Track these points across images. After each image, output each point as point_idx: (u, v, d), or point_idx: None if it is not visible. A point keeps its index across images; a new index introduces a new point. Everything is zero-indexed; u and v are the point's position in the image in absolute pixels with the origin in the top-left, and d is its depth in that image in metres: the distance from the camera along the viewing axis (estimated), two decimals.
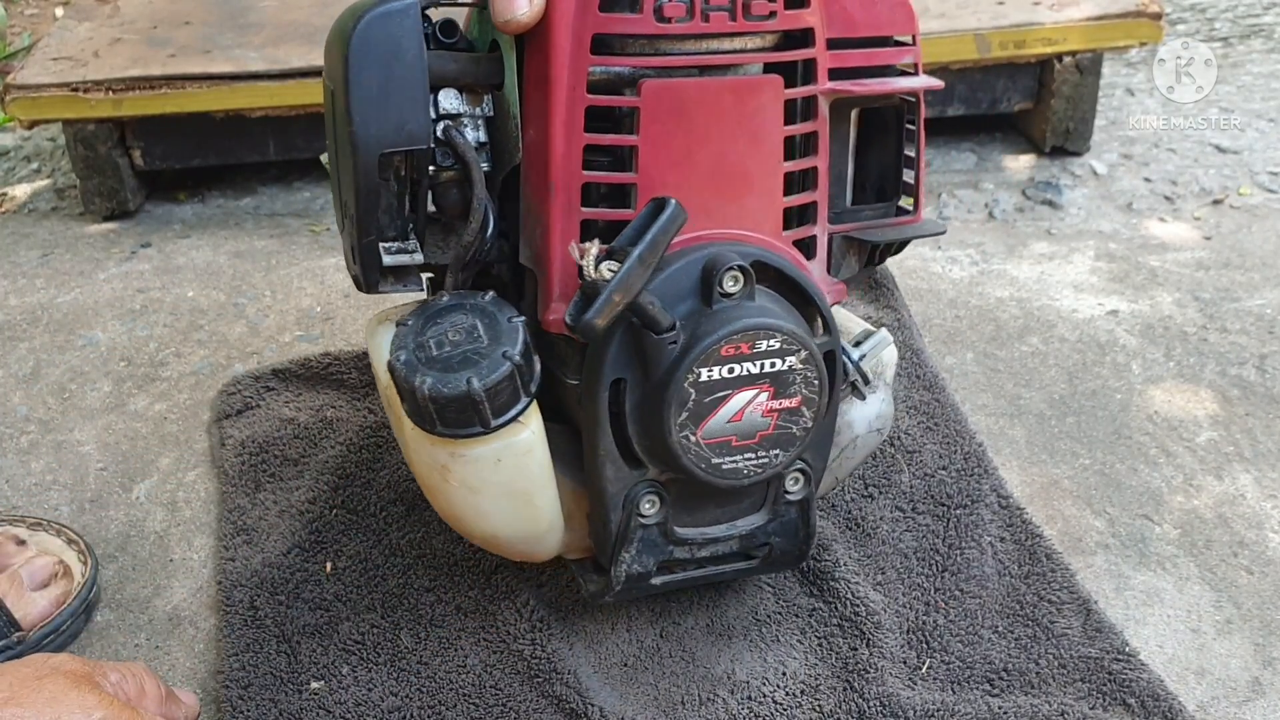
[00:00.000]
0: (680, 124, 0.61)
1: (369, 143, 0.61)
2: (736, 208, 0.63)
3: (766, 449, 0.65)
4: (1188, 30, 1.74)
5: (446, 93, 0.63)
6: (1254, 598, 0.80)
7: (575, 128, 0.61)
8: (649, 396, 0.63)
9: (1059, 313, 1.10)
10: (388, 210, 0.64)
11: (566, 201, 0.62)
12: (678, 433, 0.62)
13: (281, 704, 0.71)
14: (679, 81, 0.61)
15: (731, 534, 0.71)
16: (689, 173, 0.62)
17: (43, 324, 1.13)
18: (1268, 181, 1.35)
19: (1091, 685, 0.72)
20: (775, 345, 0.62)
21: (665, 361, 0.61)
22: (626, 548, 0.69)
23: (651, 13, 0.59)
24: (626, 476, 0.66)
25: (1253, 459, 0.92)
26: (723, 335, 0.61)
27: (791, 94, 0.63)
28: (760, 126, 0.62)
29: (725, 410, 0.63)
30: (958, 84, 1.35)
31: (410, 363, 0.60)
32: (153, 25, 1.39)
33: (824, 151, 0.66)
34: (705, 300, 0.61)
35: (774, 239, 0.65)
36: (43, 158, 1.54)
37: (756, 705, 0.71)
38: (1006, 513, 0.84)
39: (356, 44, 0.60)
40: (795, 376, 0.63)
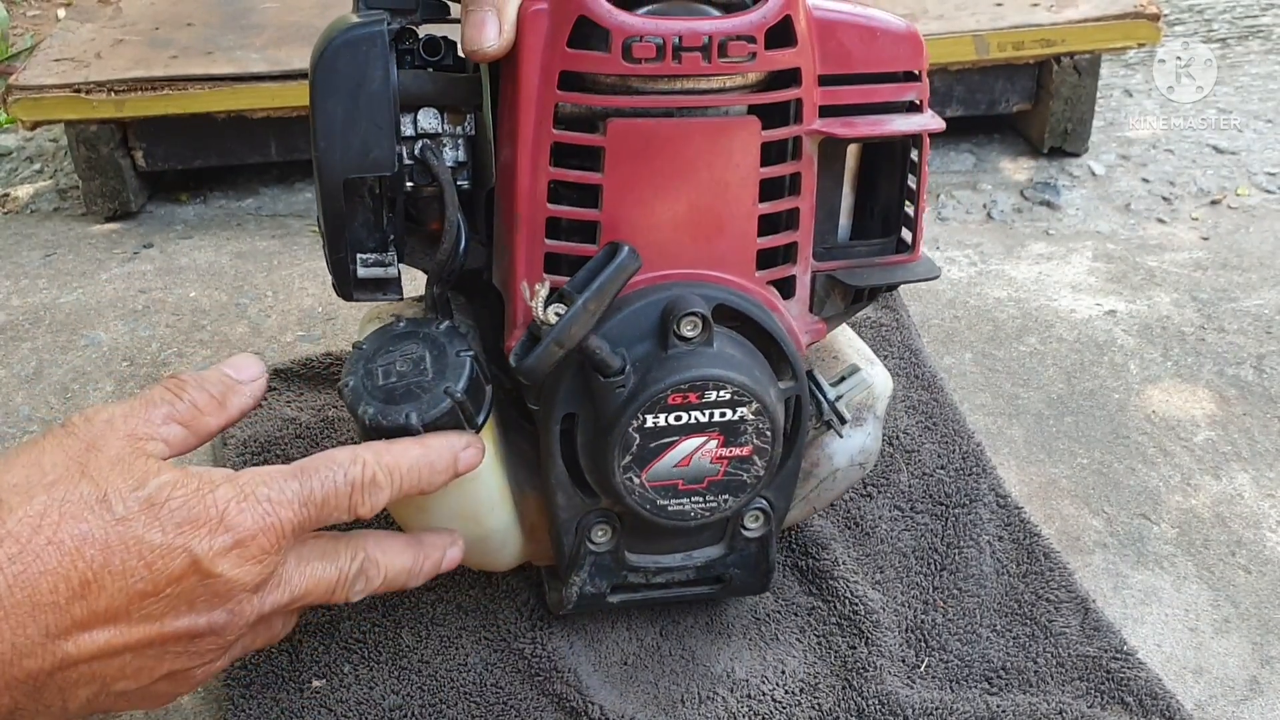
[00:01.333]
0: (647, 165, 0.59)
1: (333, 169, 0.61)
2: (705, 249, 0.62)
3: (715, 494, 0.64)
4: (1186, 31, 1.75)
5: (426, 112, 0.62)
6: (1252, 597, 0.81)
7: (541, 162, 0.59)
8: (596, 436, 0.62)
9: (1057, 313, 1.11)
10: (365, 224, 0.64)
11: (531, 234, 0.61)
12: (621, 474, 0.62)
13: (283, 702, 0.72)
14: (647, 122, 0.59)
15: (687, 564, 0.70)
16: (655, 213, 0.60)
17: (45, 324, 1.14)
18: (1266, 182, 1.35)
19: (1089, 684, 0.72)
20: (725, 396, 0.60)
21: (612, 405, 0.60)
22: (577, 571, 0.69)
23: (620, 52, 0.56)
24: (579, 505, 0.66)
25: (1250, 458, 0.92)
26: (670, 385, 0.59)
27: (771, 136, 0.60)
28: (734, 170, 0.60)
29: (671, 455, 0.62)
30: (956, 85, 1.35)
31: (357, 390, 0.60)
32: (155, 26, 1.40)
33: (809, 191, 0.63)
34: (662, 344, 0.60)
35: (745, 280, 0.63)
36: (45, 159, 1.54)
37: (756, 703, 0.72)
38: (1005, 512, 0.84)
39: (322, 71, 0.60)
40: (746, 427, 0.62)
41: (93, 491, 0.51)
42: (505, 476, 0.67)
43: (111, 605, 0.51)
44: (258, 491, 0.54)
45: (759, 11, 0.57)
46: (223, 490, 0.54)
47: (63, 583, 0.50)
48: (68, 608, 0.50)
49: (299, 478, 0.56)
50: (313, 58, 0.61)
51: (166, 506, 0.52)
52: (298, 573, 0.58)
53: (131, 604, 0.52)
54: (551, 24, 0.57)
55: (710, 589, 0.73)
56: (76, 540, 0.50)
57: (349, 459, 0.57)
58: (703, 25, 0.57)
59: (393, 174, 0.62)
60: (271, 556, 0.55)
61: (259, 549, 0.54)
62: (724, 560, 0.71)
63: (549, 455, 0.64)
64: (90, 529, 0.51)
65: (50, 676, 0.51)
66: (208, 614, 0.54)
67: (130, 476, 0.53)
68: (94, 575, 0.50)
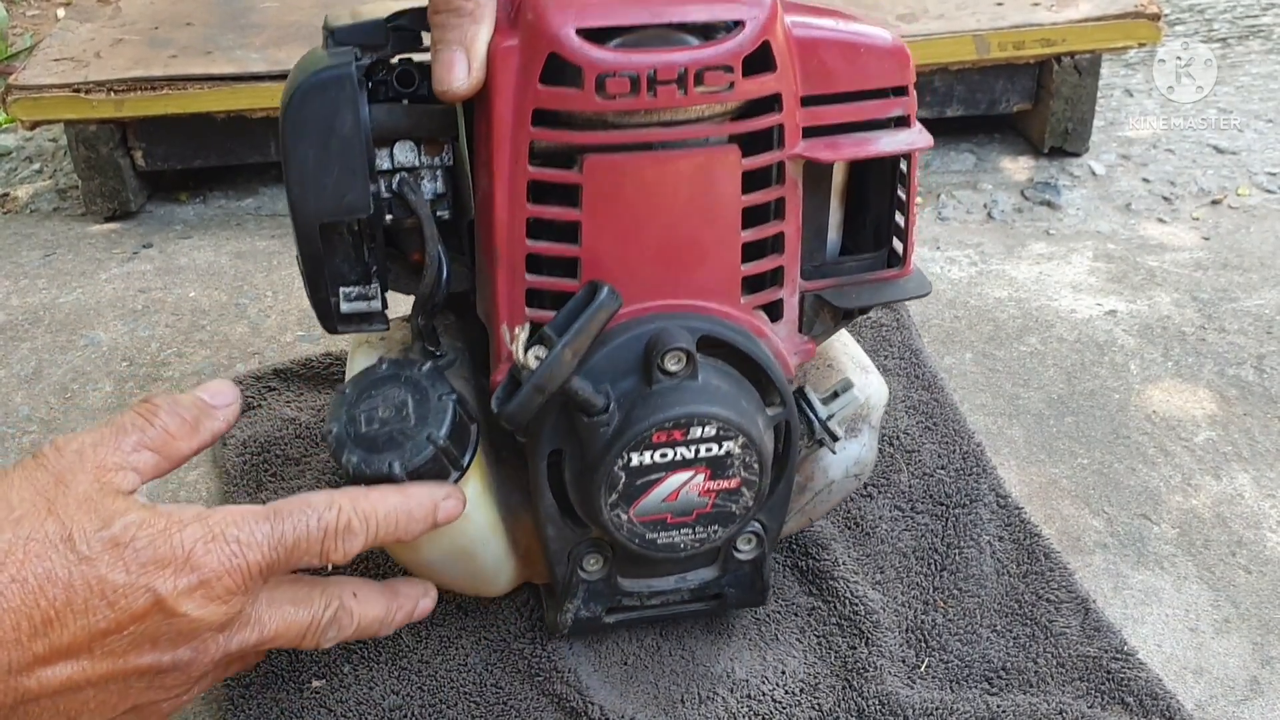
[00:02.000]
0: (626, 200, 0.58)
1: (307, 214, 0.61)
2: (689, 279, 0.60)
3: (704, 525, 0.63)
4: (1186, 31, 1.75)
5: (402, 145, 0.61)
6: (1252, 597, 0.81)
7: (518, 199, 0.58)
8: (582, 473, 0.61)
9: (1057, 313, 1.11)
10: (345, 259, 0.63)
11: (511, 270, 0.60)
12: (609, 511, 0.61)
13: (283, 702, 0.72)
14: (625, 157, 0.57)
15: (680, 587, 0.70)
16: (636, 247, 0.59)
17: (44, 324, 1.14)
18: (1266, 182, 1.35)
19: (1090, 684, 0.72)
20: (711, 432, 0.59)
21: (596, 444, 0.59)
22: (571, 598, 0.69)
23: (594, 89, 0.55)
24: (569, 535, 0.66)
25: (1251, 459, 0.92)
26: (653, 423, 0.59)
27: (753, 164, 0.59)
28: (715, 200, 0.59)
29: (658, 491, 0.61)
30: (956, 85, 1.35)
31: (340, 437, 0.60)
32: (154, 26, 1.40)
33: (794, 214, 0.62)
34: (646, 379, 0.59)
35: (730, 308, 0.62)
36: (44, 158, 1.54)
37: (756, 704, 0.72)
38: (1005, 512, 0.84)
39: (291, 116, 0.59)
40: (733, 460, 0.61)
41: (58, 530, 0.51)
42: (496, 509, 0.67)
43: (74, 642, 0.51)
44: (227, 532, 0.54)
45: (736, 39, 0.55)
46: (190, 530, 0.54)
47: (25, 620, 0.50)
48: (29, 644, 0.50)
49: (271, 520, 0.56)
50: (282, 100, 0.59)
51: (131, 546, 0.52)
52: (269, 614, 0.58)
53: (94, 641, 0.52)
54: (522, 60, 0.56)
55: (705, 606, 0.73)
56: (39, 579, 0.50)
57: (324, 504, 0.57)
58: (677, 57, 0.55)
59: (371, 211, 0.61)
60: (237, 598, 0.55)
61: (224, 590, 0.54)
62: (718, 581, 0.71)
63: (537, 490, 0.64)
64: (54, 568, 0.51)
65: (13, 710, 0.51)
66: (172, 652, 0.54)
67: (96, 515, 0.52)
68: (56, 613, 0.51)
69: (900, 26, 1.30)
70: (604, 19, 0.55)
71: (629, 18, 0.56)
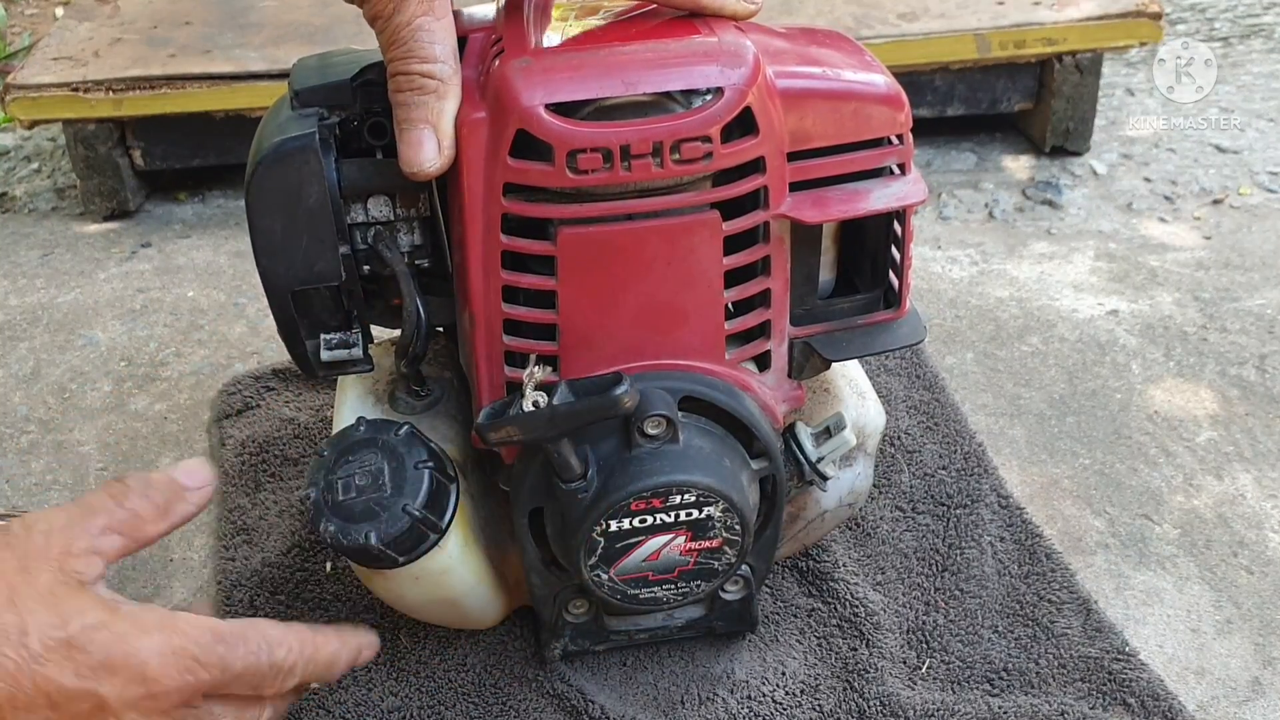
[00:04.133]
0: (603, 269, 0.56)
1: (277, 283, 0.59)
2: (670, 341, 0.59)
3: (687, 581, 0.63)
4: (1188, 30, 1.74)
5: (376, 200, 0.60)
6: (1254, 597, 0.80)
7: (492, 267, 0.57)
8: (562, 534, 0.61)
9: (1059, 312, 1.10)
10: (324, 309, 0.62)
11: (488, 333, 0.58)
12: (589, 572, 0.61)
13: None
14: (600, 230, 0.55)
15: (668, 624, 0.70)
16: (615, 314, 0.58)
17: (43, 324, 1.13)
18: (1268, 181, 1.34)
19: (1091, 685, 0.72)
20: (690, 499, 0.58)
21: (575, 510, 0.59)
22: (558, 639, 0.70)
23: (565, 164, 0.52)
24: (554, 581, 0.66)
25: (1253, 459, 0.92)
26: (630, 493, 0.57)
27: (735, 228, 0.57)
28: (696, 265, 0.57)
29: (638, 553, 0.61)
30: (958, 84, 1.35)
31: (318, 504, 0.60)
32: (153, 25, 1.39)
33: (780, 270, 0.59)
34: (625, 443, 0.58)
35: (715, 364, 0.60)
36: (43, 158, 1.54)
37: (756, 704, 0.71)
38: (1006, 512, 0.84)
39: (255, 189, 0.57)
40: (714, 523, 0.60)
41: (15, 623, 0.51)
42: (481, 559, 0.66)
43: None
44: (185, 648, 0.54)
45: (713, 108, 0.53)
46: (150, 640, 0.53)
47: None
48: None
49: (227, 644, 0.55)
50: (247, 170, 0.58)
51: (85, 650, 0.52)
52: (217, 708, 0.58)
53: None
54: (491, 133, 0.54)
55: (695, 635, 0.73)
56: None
57: (278, 641, 0.57)
58: (652, 129, 0.52)
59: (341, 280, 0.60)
60: (182, 711, 0.55)
61: (170, 704, 0.54)
62: (706, 619, 0.71)
63: (522, 543, 0.64)
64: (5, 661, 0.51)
65: None
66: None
67: (55, 612, 0.52)
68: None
69: (901, 25, 1.30)
70: (575, 92, 0.53)
71: (601, 90, 0.53)
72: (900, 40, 1.27)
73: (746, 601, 0.70)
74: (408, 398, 0.67)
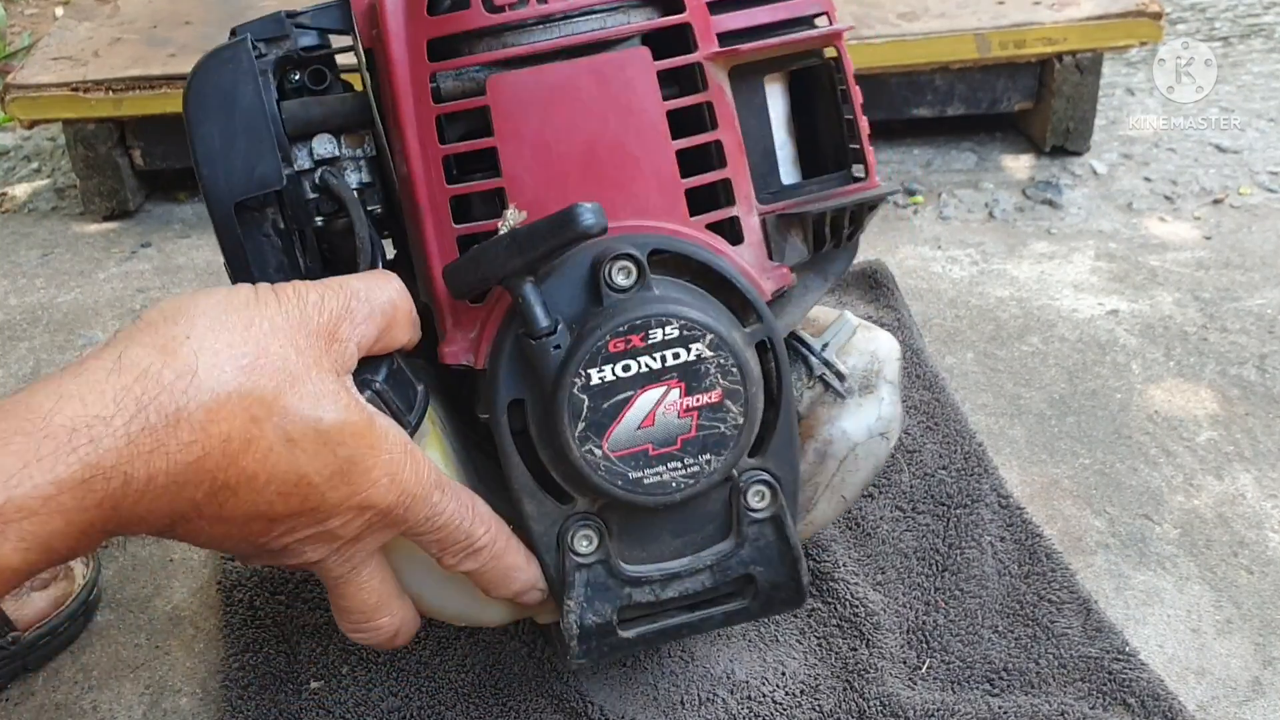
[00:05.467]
0: (537, 116, 0.56)
1: (219, 194, 0.58)
2: (626, 196, 0.58)
3: (694, 454, 0.57)
4: (1188, 30, 1.74)
5: (320, 138, 0.60)
6: (1254, 597, 0.80)
7: (429, 141, 0.57)
8: (545, 412, 0.57)
9: (1059, 312, 1.10)
10: (279, 266, 0.61)
11: (437, 220, 0.58)
12: (579, 447, 0.56)
13: (281, 704, 0.71)
14: (529, 71, 0.56)
15: (697, 566, 0.62)
16: (559, 166, 0.57)
17: (43, 324, 1.13)
18: (1268, 181, 1.34)
19: (1091, 685, 0.72)
20: (673, 334, 0.55)
21: (551, 368, 0.55)
22: (569, 594, 0.60)
23: (480, 4, 0.54)
24: (552, 511, 0.60)
25: (1253, 459, 0.92)
26: (606, 330, 0.55)
27: (666, 65, 0.57)
28: (632, 104, 0.57)
29: (631, 415, 0.56)
30: (958, 84, 1.35)
31: None
32: (153, 25, 1.39)
33: (727, 124, 0.59)
34: (595, 298, 0.56)
35: (679, 224, 0.59)
36: (43, 157, 1.54)
37: (756, 705, 0.71)
38: (1006, 512, 0.84)
39: (192, 98, 0.58)
40: (707, 366, 0.56)
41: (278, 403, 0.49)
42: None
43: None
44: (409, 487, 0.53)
45: None
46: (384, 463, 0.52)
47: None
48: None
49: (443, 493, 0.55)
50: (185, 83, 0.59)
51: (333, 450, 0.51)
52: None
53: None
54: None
55: (740, 605, 0.64)
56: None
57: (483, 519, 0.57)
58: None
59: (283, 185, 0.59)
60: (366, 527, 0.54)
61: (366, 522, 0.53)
62: (738, 556, 0.62)
63: (507, 459, 0.58)
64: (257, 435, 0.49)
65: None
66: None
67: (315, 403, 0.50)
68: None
69: (901, 25, 1.30)
70: None
71: None
72: (900, 40, 1.27)
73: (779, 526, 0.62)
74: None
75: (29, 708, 0.74)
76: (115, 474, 0.44)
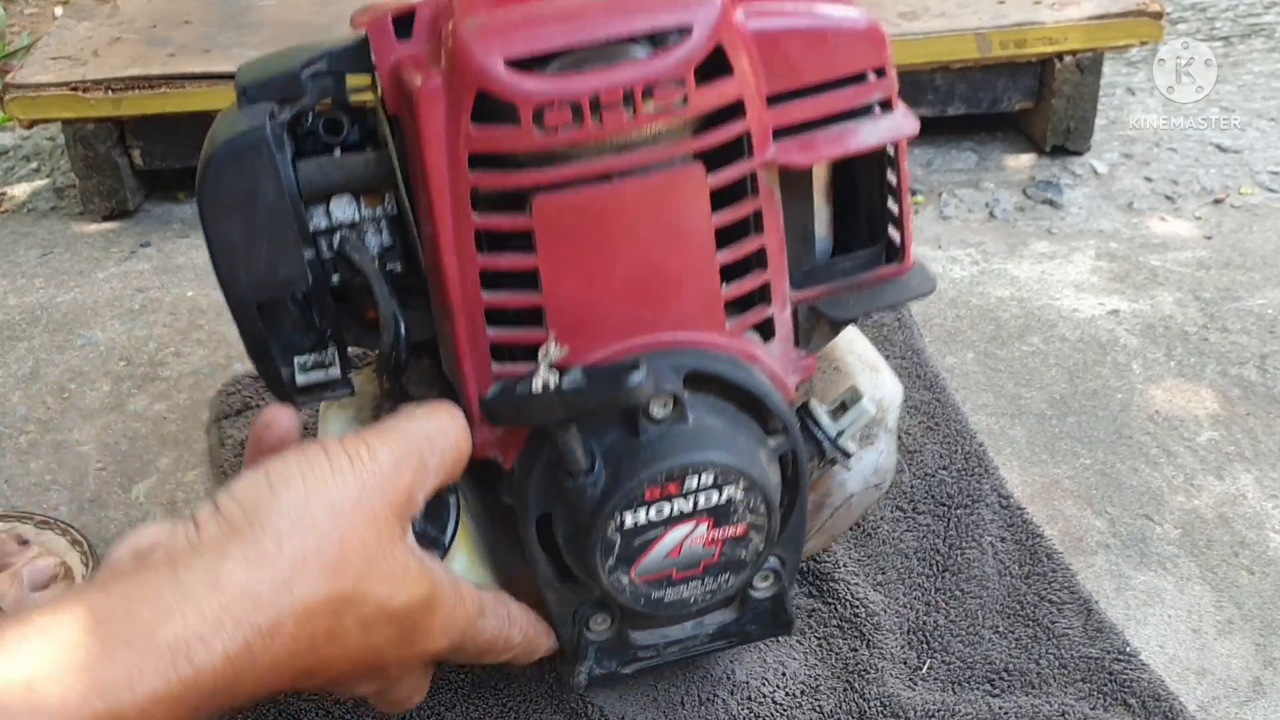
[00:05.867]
0: (585, 238, 0.52)
1: (241, 295, 0.55)
2: (666, 312, 0.55)
3: (714, 575, 0.58)
4: (1188, 29, 1.74)
5: (339, 200, 0.56)
6: (1255, 598, 0.80)
7: (467, 250, 0.53)
8: (575, 537, 0.56)
9: (1060, 312, 1.10)
10: (295, 328, 0.57)
11: (470, 325, 0.54)
12: (608, 576, 0.56)
13: (281, 704, 0.71)
14: (577, 194, 0.51)
15: (697, 632, 0.65)
16: (603, 287, 0.54)
17: (42, 323, 1.13)
18: (1269, 181, 1.34)
19: (1092, 685, 0.72)
20: (708, 480, 0.54)
21: (586, 506, 0.54)
22: (582, 661, 0.64)
23: (532, 124, 0.49)
24: (570, 597, 0.61)
25: (1254, 459, 0.92)
26: (644, 478, 0.53)
27: (720, 180, 0.53)
28: (683, 224, 0.53)
29: (659, 548, 0.56)
30: (958, 83, 1.35)
31: None
32: (152, 25, 1.39)
33: (774, 226, 0.56)
34: (631, 429, 0.54)
35: (716, 335, 0.56)
36: (42, 157, 1.53)
37: (756, 705, 0.71)
38: (1007, 513, 0.84)
39: (208, 192, 0.53)
40: (736, 506, 0.56)
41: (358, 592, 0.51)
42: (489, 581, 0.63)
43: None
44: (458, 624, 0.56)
45: (684, 47, 0.49)
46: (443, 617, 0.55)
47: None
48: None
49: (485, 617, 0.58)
50: (197, 174, 0.54)
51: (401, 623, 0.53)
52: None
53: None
54: (449, 101, 0.50)
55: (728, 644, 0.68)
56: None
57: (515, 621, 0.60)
58: (620, 76, 0.49)
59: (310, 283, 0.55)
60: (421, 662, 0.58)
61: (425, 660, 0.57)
62: (738, 622, 0.66)
63: (532, 556, 0.59)
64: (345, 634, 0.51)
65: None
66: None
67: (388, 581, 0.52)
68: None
69: (901, 25, 1.29)
70: (534, 44, 0.49)
71: (561, 39, 0.50)
72: (901, 39, 1.27)
73: (778, 599, 0.64)
74: None
75: None
76: (206, 686, 0.46)
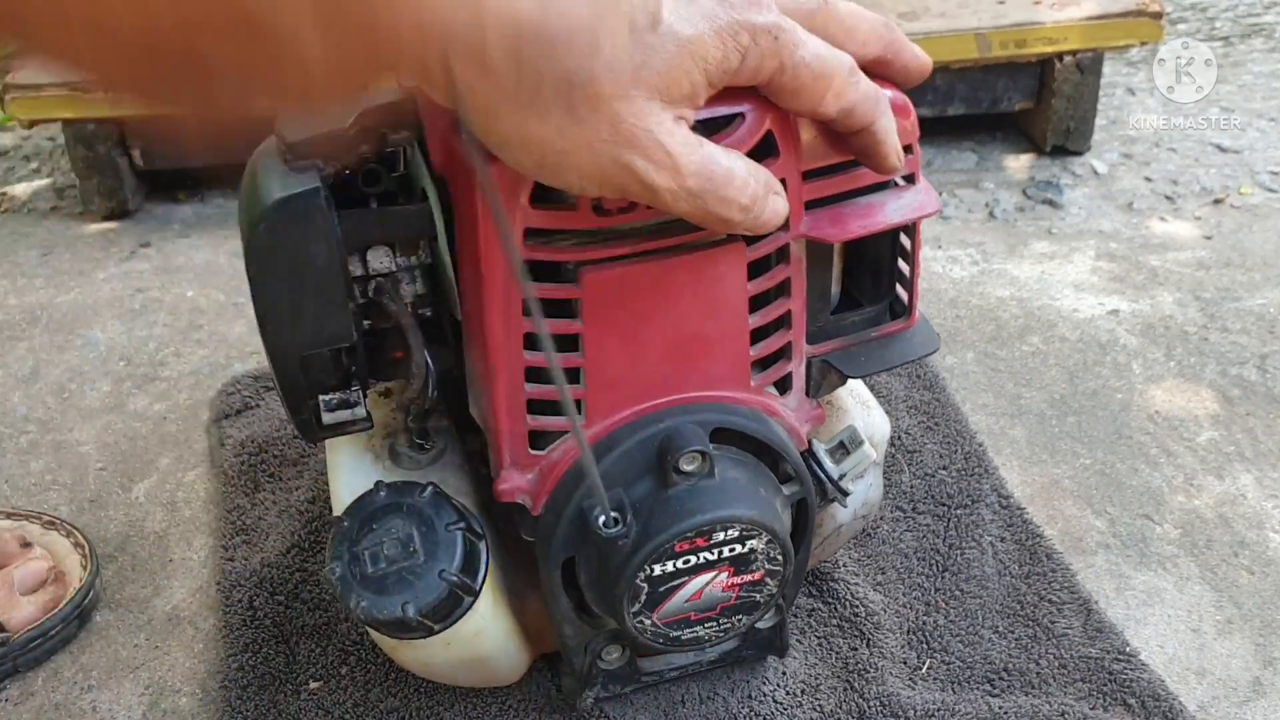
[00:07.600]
0: (628, 309, 0.55)
1: (285, 350, 0.56)
2: (698, 373, 0.58)
3: (729, 616, 0.61)
4: (1188, 29, 1.74)
5: (375, 251, 0.57)
6: (1255, 598, 0.80)
7: (514, 316, 0.54)
8: (601, 583, 0.58)
9: (1060, 312, 1.10)
10: (324, 369, 0.58)
11: (510, 382, 0.56)
12: (632, 619, 0.59)
13: (280, 704, 0.71)
14: (626, 269, 0.54)
15: (701, 659, 0.70)
16: (641, 352, 0.56)
17: (42, 324, 1.13)
18: (1268, 181, 1.34)
19: (1092, 685, 0.72)
20: (734, 534, 0.57)
21: (615, 558, 0.57)
22: (591, 686, 0.68)
23: (589, 208, 0.51)
24: (586, 632, 0.64)
25: (1253, 459, 0.92)
26: (675, 534, 0.56)
27: (758, 253, 0.56)
28: (720, 295, 0.56)
29: (682, 594, 0.59)
30: (958, 83, 1.35)
31: (345, 579, 0.56)
32: None
33: (799, 290, 0.59)
34: (662, 482, 0.57)
35: (741, 392, 0.59)
36: (42, 157, 1.53)
37: (756, 704, 0.71)
38: (1007, 512, 0.84)
39: (256, 251, 0.53)
40: (757, 556, 0.59)
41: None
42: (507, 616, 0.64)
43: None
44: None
45: (738, 132, 0.51)
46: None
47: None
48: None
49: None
50: (244, 227, 0.54)
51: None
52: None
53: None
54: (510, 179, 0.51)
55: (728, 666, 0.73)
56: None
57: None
58: None
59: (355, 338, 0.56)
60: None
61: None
62: (738, 649, 0.70)
63: (552, 595, 0.61)
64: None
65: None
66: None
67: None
68: None
69: (901, 25, 1.29)
70: None
71: None
72: None
73: (778, 628, 0.69)
74: (412, 452, 0.64)
75: (29, 708, 0.74)
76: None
